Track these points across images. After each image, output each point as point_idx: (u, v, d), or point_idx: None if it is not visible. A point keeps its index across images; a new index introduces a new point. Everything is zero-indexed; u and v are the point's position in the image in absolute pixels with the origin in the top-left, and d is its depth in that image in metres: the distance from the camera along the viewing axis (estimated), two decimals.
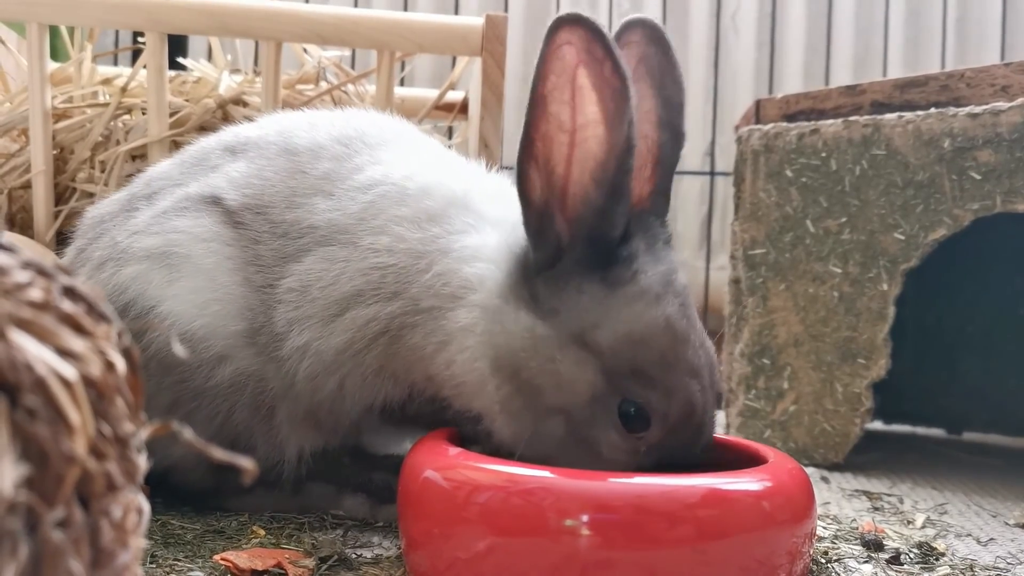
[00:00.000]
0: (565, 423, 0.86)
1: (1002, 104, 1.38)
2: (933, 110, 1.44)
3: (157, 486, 1.04)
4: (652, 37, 0.95)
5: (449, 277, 0.93)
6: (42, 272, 0.42)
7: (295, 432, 1.05)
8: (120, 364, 0.43)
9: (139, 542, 0.44)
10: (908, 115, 1.46)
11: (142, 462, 0.44)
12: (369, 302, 0.96)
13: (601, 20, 0.81)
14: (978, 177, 1.39)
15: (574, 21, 0.81)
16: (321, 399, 1.01)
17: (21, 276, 0.41)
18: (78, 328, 0.42)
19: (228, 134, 1.15)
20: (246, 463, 0.43)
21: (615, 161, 0.83)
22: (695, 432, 0.86)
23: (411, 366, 0.96)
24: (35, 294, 0.41)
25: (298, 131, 1.09)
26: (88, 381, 0.41)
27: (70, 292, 0.43)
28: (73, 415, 0.39)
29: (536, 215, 0.87)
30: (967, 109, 1.41)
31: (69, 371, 0.39)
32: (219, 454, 0.44)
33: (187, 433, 0.43)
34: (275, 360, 1.01)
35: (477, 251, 0.94)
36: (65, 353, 0.40)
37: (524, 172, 0.86)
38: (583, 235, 0.86)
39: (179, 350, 0.91)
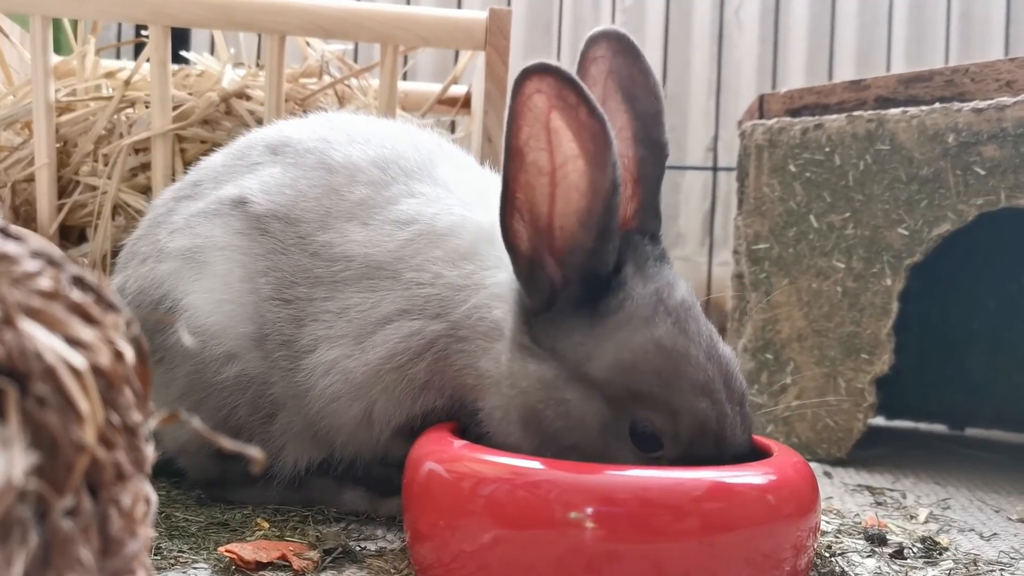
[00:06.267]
0: (578, 458, 0.84)
1: (1007, 99, 1.38)
2: (937, 105, 1.44)
3: (160, 473, 1.04)
4: (619, 48, 0.92)
5: (484, 313, 0.94)
6: (51, 261, 0.42)
7: (292, 443, 1.06)
8: (129, 354, 0.43)
9: (148, 531, 0.44)
10: (912, 110, 1.46)
11: (150, 451, 0.44)
12: (414, 317, 0.97)
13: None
14: (983, 172, 1.39)
15: (542, 70, 0.79)
16: (340, 424, 1.01)
17: (30, 265, 0.41)
18: (87, 317, 0.42)
19: (273, 131, 1.16)
20: (254, 452, 0.43)
21: (601, 203, 0.82)
22: (716, 444, 0.82)
23: (457, 384, 0.97)
24: (44, 283, 0.41)
25: (336, 143, 1.09)
26: (97, 370, 0.41)
27: (79, 282, 0.43)
28: (82, 403, 0.39)
29: (526, 264, 0.87)
30: (971, 104, 1.40)
31: (78, 360, 0.39)
32: (226, 443, 0.44)
33: (195, 422, 0.43)
34: (281, 369, 1.02)
35: (503, 291, 0.93)
36: (74, 342, 0.40)
37: (508, 225, 0.85)
38: (575, 276, 0.86)
39: (188, 340, 0.92)
